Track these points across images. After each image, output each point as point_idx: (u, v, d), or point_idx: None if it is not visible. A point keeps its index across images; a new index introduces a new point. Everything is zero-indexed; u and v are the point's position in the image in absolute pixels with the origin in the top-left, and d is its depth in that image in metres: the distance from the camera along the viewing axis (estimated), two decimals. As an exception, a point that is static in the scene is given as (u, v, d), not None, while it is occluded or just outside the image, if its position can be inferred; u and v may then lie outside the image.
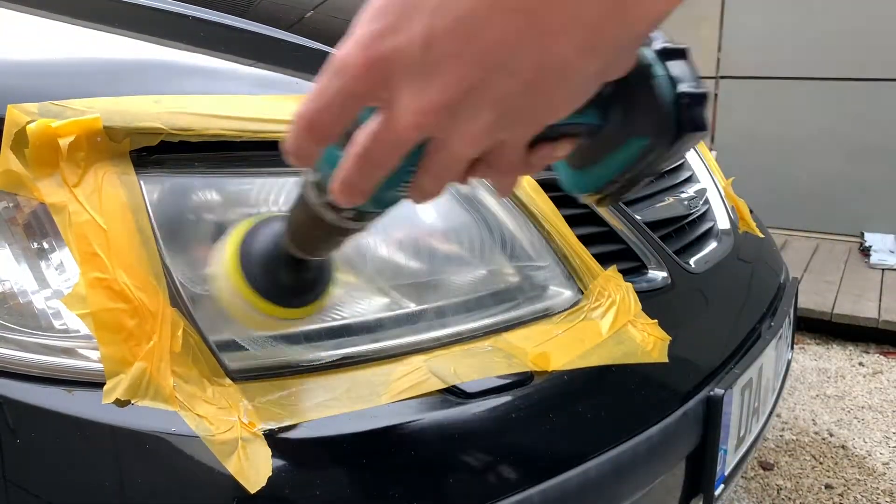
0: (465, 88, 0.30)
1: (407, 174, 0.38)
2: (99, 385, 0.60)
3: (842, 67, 3.55)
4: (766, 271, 1.28)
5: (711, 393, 0.86)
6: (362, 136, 0.34)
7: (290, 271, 0.55)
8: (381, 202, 0.42)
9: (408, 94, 0.30)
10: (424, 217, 0.81)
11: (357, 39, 0.31)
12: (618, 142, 0.39)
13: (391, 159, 0.34)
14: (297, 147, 0.36)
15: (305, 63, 0.88)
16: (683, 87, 0.38)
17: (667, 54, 0.39)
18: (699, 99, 0.38)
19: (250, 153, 0.73)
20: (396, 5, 0.30)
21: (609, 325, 0.82)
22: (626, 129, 0.39)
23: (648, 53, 0.38)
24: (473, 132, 0.32)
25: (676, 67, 0.38)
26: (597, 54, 0.30)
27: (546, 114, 0.32)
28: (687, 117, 0.38)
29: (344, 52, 0.31)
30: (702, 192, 1.26)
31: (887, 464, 1.83)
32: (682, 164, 1.29)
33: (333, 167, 0.38)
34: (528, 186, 0.85)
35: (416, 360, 0.70)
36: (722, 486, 0.92)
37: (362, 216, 0.44)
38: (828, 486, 1.74)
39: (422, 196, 0.39)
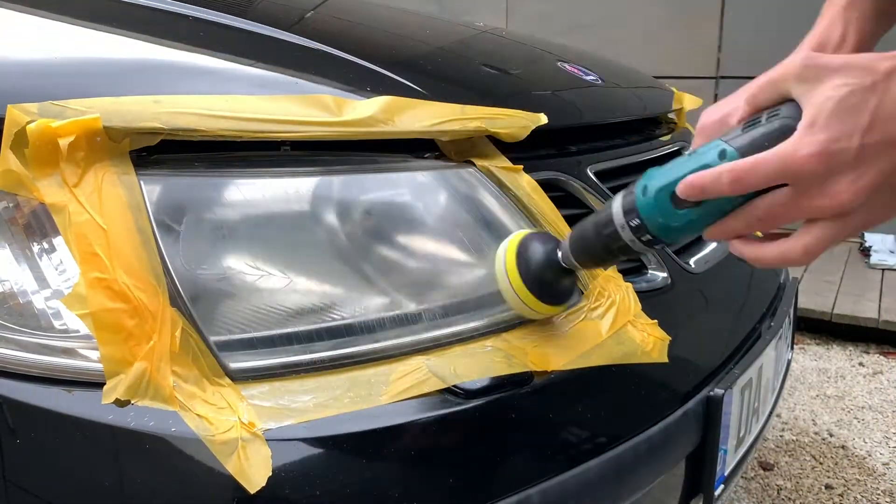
0: (882, 179, 0.46)
1: (717, 217, 0.55)
2: (99, 385, 0.60)
3: (842, 67, 3.55)
4: (765, 271, 1.28)
5: (711, 393, 0.86)
6: (769, 202, 0.50)
7: (558, 278, 0.73)
8: (681, 235, 0.59)
9: (845, 178, 0.46)
10: (425, 217, 0.81)
11: (812, 141, 0.46)
12: None
13: (792, 219, 0.50)
14: (710, 189, 0.51)
15: (305, 63, 0.88)
16: None
17: None
18: None
19: (250, 153, 0.73)
20: (841, 117, 0.45)
21: (609, 325, 0.82)
22: None
23: None
24: (879, 202, 0.48)
25: None
26: None
27: None
28: None
29: (801, 146, 0.46)
30: (702, 192, 1.26)
31: (887, 464, 1.83)
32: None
33: (670, 221, 0.56)
34: (527, 186, 0.85)
35: (416, 360, 0.70)
36: (722, 486, 0.92)
37: (654, 243, 0.60)
38: (828, 487, 1.74)
39: (724, 234, 0.55)
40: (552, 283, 0.73)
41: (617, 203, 0.62)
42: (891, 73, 0.44)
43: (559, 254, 0.71)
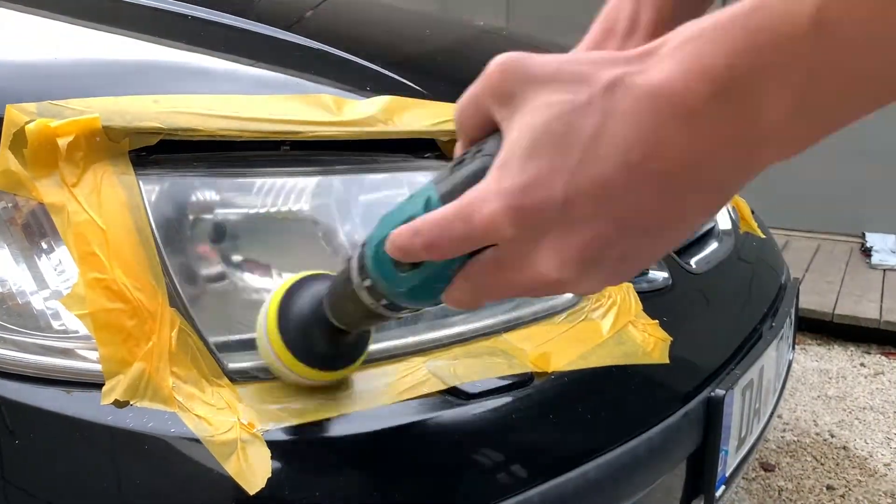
0: (600, 246, 0.32)
1: (446, 280, 0.40)
2: (98, 386, 0.60)
3: (843, 68, 3.54)
4: (767, 272, 1.28)
5: (712, 394, 0.86)
6: (477, 269, 0.37)
7: (327, 338, 0.57)
8: (422, 301, 0.44)
9: (547, 245, 0.32)
10: (424, 217, 0.81)
11: (497, 191, 0.32)
12: None
13: (506, 293, 0.38)
14: (410, 253, 0.39)
15: (305, 63, 0.87)
16: None
17: None
18: None
19: (250, 153, 0.73)
20: (540, 155, 0.31)
21: (610, 325, 0.82)
22: None
23: None
24: (598, 277, 0.34)
25: None
26: (721, 203, 0.31)
27: (658, 255, 0.34)
28: None
29: (482, 202, 0.33)
30: (703, 192, 1.26)
31: (889, 465, 1.83)
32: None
33: (397, 286, 0.42)
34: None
35: (417, 361, 0.69)
36: (723, 487, 0.92)
37: (398, 309, 0.46)
38: (829, 488, 1.73)
39: (458, 304, 0.41)
40: (325, 344, 0.58)
41: (356, 255, 0.47)
42: (613, 86, 0.29)
43: (328, 314, 0.55)
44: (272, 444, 0.59)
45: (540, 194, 0.31)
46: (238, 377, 0.64)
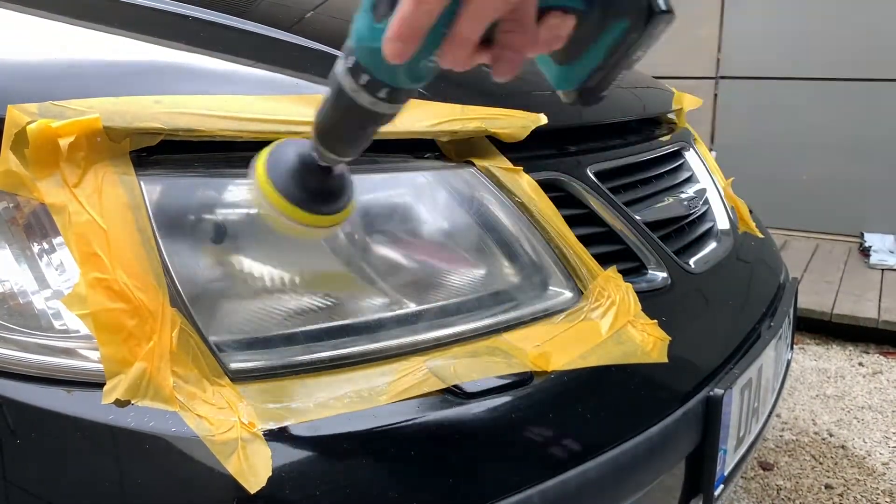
0: None
1: (439, 38, 0.44)
2: (99, 385, 0.60)
3: (842, 67, 3.55)
4: (765, 271, 1.28)
5: (711, 393, 0.86)
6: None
7: (318, 178, 0.59)
8: (414, 74, 0.48)
9: None
10: (425, 217, 0.81)
11: None
12: (601, 27, 0.45)
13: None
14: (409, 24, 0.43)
15: (305, 63, 0.88)
16: None
17: None
18: None
19: (250, 153, 0.73)
20: None
21: (609, 325, 0.82)
22: (607, 12, 0.45)
23: None
24: None
25: None
26: None
27: None
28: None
29: None
30: (701, 192, 1.26)
31: (887, 464, 1.83)
32: (681, 165, 1.29)
33: (374, 41, 0.45)
34: (527, 187, 0.85)
35: (416, 360, 0.70)
36: (722, 486, 0.92)
37: (396, 96, 0.49)
38: (827, 487, 1.74)
39: (452, 61, 0.45)
40: (310, 185, 0.59)
41: (339, 64, 0.51)
42: None
43: (314, 153, 0.58)
44: (272, 444, 0.59)
45: None
46: (239, 377, 0.64)
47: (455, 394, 0.68)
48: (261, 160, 0.60)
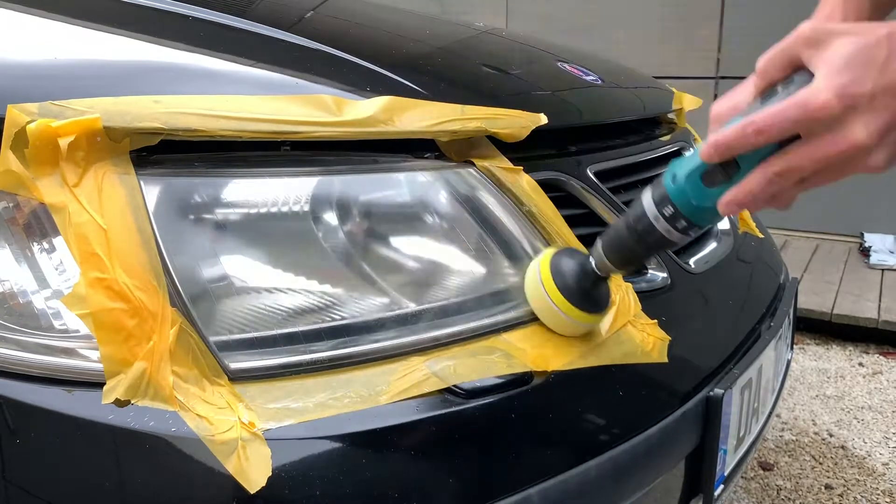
0: (888, 126, 0.50)
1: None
2: (99, 385, 0.60)
3: (842, 68, 3.54)
4: (765, 271, 1.28)
5: (711, 393, 0.86)
6: (793, 152, 0.53)
7: (594, 285, 0.75)
8: (714, 217, 0.61)
9: (859, 121, 0.50)
10: (424, 217, 0.81)
11: (829, 86, 0.50)
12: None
13: (805, 172, 0.53)
14: (735, 144, 0.54)
15: (305, 63, 0.88)
16: None
17: None
18: None
19: (250, 153, 0.73)
20: (853, 68, 0.49)
21: (609, 325, 0.82)
22: None
23: None
24: (889, 148, 0.52)
25: None
26: None
27: None
28: None
29: (818, 92, 0.50)
30: (702, 192, 1.26)
31: (887, 464, 1.83)
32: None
33: (703, 201, 0.59)
34: (527, 187, 0.85)
35: (416, 360, 0.70)
36: (721, 486, 0.92)
37: (692, 230, 0.63)
38: (827, 487, 1.74)
39: (783, 204, 0.58)
40: (590, 292, 0.75)
41: (647, 196, 0.64)
42: (891, 35, 0.49)
43: (592, 262, 0.73)
44: (272, 444, 0.59)
45: (857, 88, 0.49)
46: (239, 376, 0.64)
47: (455, 394, 0.68)
48: (544, 266, 0.75)
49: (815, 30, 0.52)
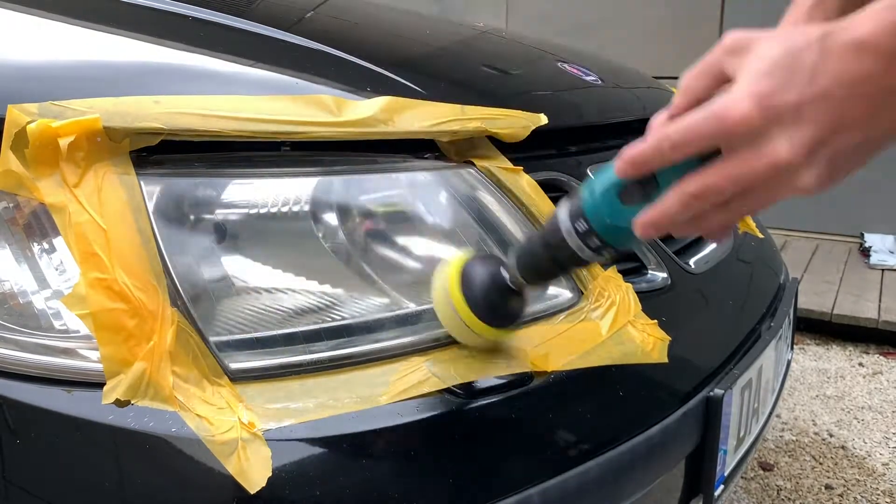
0: (820, 140, 0.42)
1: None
2: (99, 385, 0.60)
3: (842, 68, 3.54)
4: (765, 272, 1.28)
5: (711, 393, 0.86)
6: (715, 171, 0.46)
7: (506, 299, 0.67)
8: (636, 242, 0.54)
9: (782, 136, 0.43)
10: (425, 217, 0.81)
11: (748, 94, 0.43)
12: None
13: (725, 193, 0.46)
14: (650, 159, 0.49)
15: (305, 63, 0.88)
16: None
17: None
18: None
19: (250, 153, 0.73)
20: (777, 74, 0.43)
21: (609, 325, 0.82)
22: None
23: None
24: (817, 169, 0.44)
25: None
26: None
27: (862, 158, 0.45)
28: None
29: (735, 102, 0.44)
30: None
31: (887, 464, 1.83)
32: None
33: (617, 220, 0.52)
34: (527, 187, 0.85)
35: (416, 360, 0.70)
36: (721, 486, 0.92)
37: (606, 252, 0.56)
38: (828, 487, 1.74)
39: (711, 232, 0.51)
40: (500, 305, 0.68)
41: (563, 209, 0.57)
42: (824, 37, 0.42)
43: (505, 274, 0.66)
44: (272, 444, 0.59)
45: (780, 98, 0.42)
46: (238, 377, 0.64)
47: (455, 394, 0.68)
48: (453, 273, 0.68)
49: (739, 37, 0.46)
